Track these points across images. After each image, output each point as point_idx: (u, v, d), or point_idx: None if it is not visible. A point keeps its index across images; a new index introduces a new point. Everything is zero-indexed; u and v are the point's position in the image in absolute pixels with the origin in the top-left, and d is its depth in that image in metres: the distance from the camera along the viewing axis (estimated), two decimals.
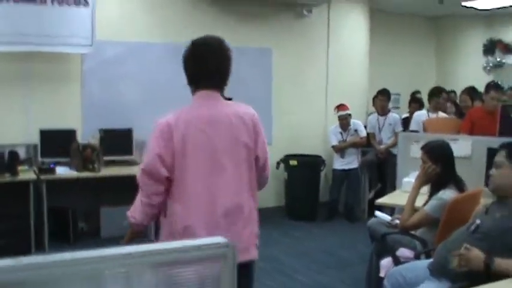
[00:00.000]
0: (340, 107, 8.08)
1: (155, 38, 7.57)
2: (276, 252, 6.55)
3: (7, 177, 6.21)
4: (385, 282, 3.80)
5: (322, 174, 8.54)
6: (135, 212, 2.86)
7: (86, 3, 6.80)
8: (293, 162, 8.16)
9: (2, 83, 6.88)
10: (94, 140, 6.93)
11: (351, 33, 9.19)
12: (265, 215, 7.81)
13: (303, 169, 8.24)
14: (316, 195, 8.34)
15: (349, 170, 8.16)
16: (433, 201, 4.16)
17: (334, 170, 8.29)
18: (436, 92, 7.78)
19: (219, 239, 1.36)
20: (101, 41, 7.04)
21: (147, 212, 2.81)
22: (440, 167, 4.24)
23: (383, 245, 4.45)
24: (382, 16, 10.15)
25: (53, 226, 6.73)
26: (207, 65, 2.84)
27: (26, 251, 6.26)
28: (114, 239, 6.95)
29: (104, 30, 7.11)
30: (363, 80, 9.28)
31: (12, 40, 6.53)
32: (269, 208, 8.40)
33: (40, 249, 6.41)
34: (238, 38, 8.15)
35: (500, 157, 3.38)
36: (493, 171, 3.42)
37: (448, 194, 4.10)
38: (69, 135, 6.96)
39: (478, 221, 3.34)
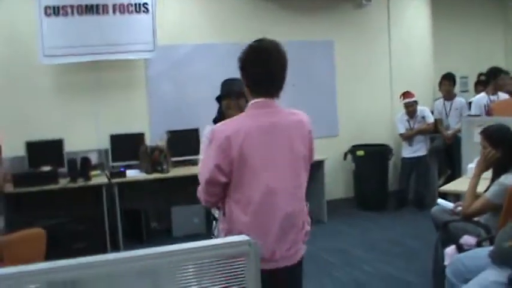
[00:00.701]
0: (406, 94, 7.98)
1: (217, 39, 7.70)
2: (344, 244, 6.56)
3: (80, 182, 6.49)
4: (447, 270, 3.77)
5: (391, 163, 8.44)
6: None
7: (147, 10, 7.02)
8: (360, 153, 8.13)
9: (72, 93, 7.22)
10: (162, 142, 7.13)
11: (412, 19, 9.06)
12: (334, 207, 7.95)
13: (370, 159, 8.18)
14: (385, 185, 8.28)
15: (418, 157, 8.05)
16: (495, 187, 4.08)
17: (403, 159, 8.20)
18: (493, 73, 7.55)
19: (242, 237, 1.43)
20: (163, 45, 7.25)
21: (206, 202, 2.92)
22: (501, 151, 4.15)
23: (446, 233, 4.39)
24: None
25: (127, 227, 7.01)
26: (265, 72, 2.79)
27: (102, 251, 6.52)
28: (185, 236, 7.21)
29: (165, 35, 7.34)
30: (428, 66, 9.12)
31: (78, 52, 6.85)
32: (338, 200, 8.44)
33: (115, 248, 6.66)
34: (300, 32, 8.24)
35: None
36: None
37: (510, 179, 4.01)
38: (137, 138, 7.23)
39: None
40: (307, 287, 5.13)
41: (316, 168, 7.56)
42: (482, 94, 7.58)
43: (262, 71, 2.77)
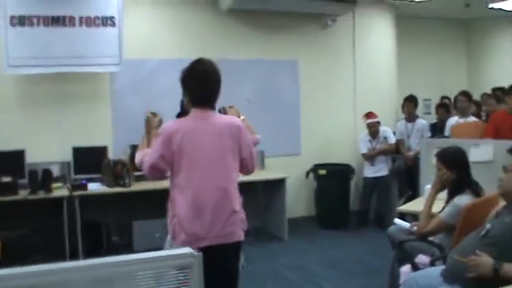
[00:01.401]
0: (369, 114, 8.12)
1: (183, 54, 7.67)
2: (304, 262, 6.60)
3: (41, 194, 6.43)
4: None
5: (353, 182, 8.55)
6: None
7: (113, 24, 7.04)
8: (322, 172, 8.21)
9: (36, 104, 7.18)
10: (124, 156, 7.11)
11: (377, 41, 9.24)
12: (296, 225, 8.00)
13: (332, 178, 8.26)
14: (346, 204, 8.36)
15: (380, 177, 8.17)
16: (449, 208, 4.18)
17: (365, 178, 8.31)
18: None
19: (186, 250, 1.48)
20: (129, 59, 7.26)
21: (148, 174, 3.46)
22: (456, 173, 4.26)
23: (402, 252, 4.46)
24: (409, 21, 10.17)
25: (87, 240, 6.92)
26: (202, 89, 3.41)
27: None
28: (146, 250, 7.11)
29: (131, 49, 7.36)
30: (391, 87, 9.30)
31: (43, 63, 6.82)
32: (300, 218, 8.51)
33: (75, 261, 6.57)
34: (266, 50, 8.35)
35: (510, 161, 3.40)
36: (502, 175, 3.44)
37: (463, 200, 4.11)
38: (100, 152, 7.18)
39: (488, 226, 3.36)
40: None
41: (277, 186, 7.63)
42: (455, 117, 7.75)
43: (201, 88, 3.41)
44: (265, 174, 7.92)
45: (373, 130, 8.08)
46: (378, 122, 8.10)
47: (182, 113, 4.39)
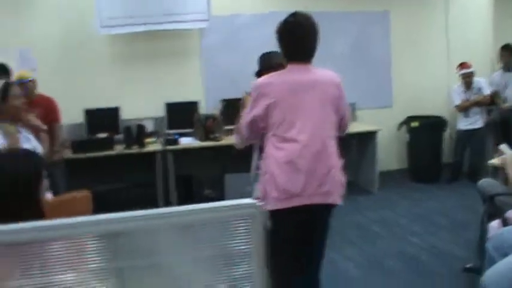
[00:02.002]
0: (463, 65, 7.83)
1: (272, 8, 7.69)
2: (392, 215, 6.57)
3: (135, 149, 6.71)
4: (488, 244, 3.74)
5: (446, 135, 8.34)
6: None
7: None
8: (414, 124, 8.06)
9: (129, 62, 7.44)
10: (215, 110, 7.26)
11: None
12: (387, 178, 7.94)
13: (425, 130, 8.09)
14: (439, 157, 8.19)
15: (474, 130, 7.91)
16: None
17: (459, 130, 8.07)
18: None
19: (248, 201, 1.53)
20: (218, 15, 7.37)
21: (243, 140, 3.49)
22: None
23: (493, 207, 4.35)
24: None
25: (180, 193, 7.19)
26: (299, 43, 3.26)
27: None
28: None
29: (221, 5, 7.47)
30: (487, 36, 8.86)
31: (134, 22, 7.03)
32: (391, 171, 8.42)
33: None
34: (358, 2, 8.15)
35: None
36: None
37: None
38: (192, 107, 7.37)
39: None
40: (351, 254, 5.26)
41: (368, 139, 7.57)
42: None
43: (297, 43, 3.26)
44: (357, 127, 7.86)
45: (467, 81, 7.80)
46: (472, 72, 7.80)
47: (260, 72, 4.25)
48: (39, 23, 7.14)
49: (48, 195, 3.93)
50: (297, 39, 3.25)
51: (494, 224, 4.21)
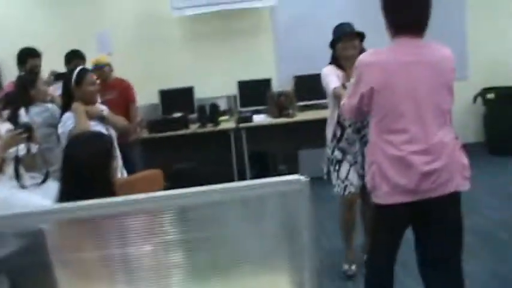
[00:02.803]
0: None
1: None
2: (470, 190, 6.38)
3: (209, 127, 6.80)
4: None
5: None
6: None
7: None
8: (490, 96, 7.77)
9: (201, 42, 7.53)
10: (288, 87, 7.25)
11: None
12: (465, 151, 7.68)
13: (502, 102, 7.78)
14: None
15: None
16: None
17: None
18: None
19: (295, 177, 1.53)
20: None
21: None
22: None
23: None
24: None
25: (255, 170, 7.25)
26: (410, 12, 2.86)
27: None
28: (312, 179, 7.25)
29: None
30: None
31: (205, 2, 7.11)
32: (468, 144, 8.13)
33: None
34: None
35: None
36: None
37: None
38: (265, 84, 7.38)
39: None
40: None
41: None
42: None
43: (405, 13, 2.85)
44: None
45: None
46: None
47: (334, 42, 4.26)
48: (114, 7, 7.37)
49: (122, 174, 4.06)
50: (408, 6, 2.85)
51: None
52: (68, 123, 3.99)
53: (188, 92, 7.28)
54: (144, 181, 3.15)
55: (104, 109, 4.30)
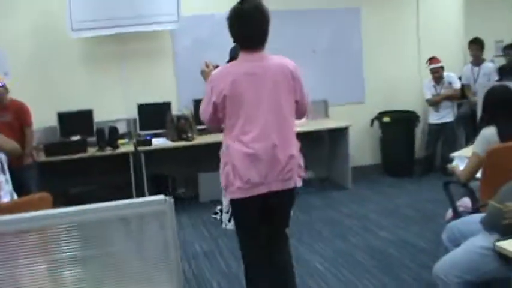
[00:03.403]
0: (432, 60, 7.94)
1: None
2: (364, 210, 6.67)
3: (108, 151, 6.76)
4: (443, 235, 3.83)
5: (418, 129, 8.44)
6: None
7: None
8: (386, 119, 8.15)
9: (101, 64, 7.48)
10: (187, 110, 7.32)
11: None
12: (360, 173, 8.05)
13: (397, 125, 8.20)
14: (412, 151, 8.30)
15: (445, 123, 8.02)
16: (477, 139, 4.03)
17: (430, 125, 8.18)
18: None
19: (159, 197, 1.61)
20: (186, 16, 7.37)
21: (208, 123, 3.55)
22: (490, 109, 4.10)
23: (448, 195, 4.38)
24: None
25: (154, 192, 7.22)
26: (248, 29, 3.31)
27: None
28: (212, 202, 7.39)
29: (190, 6, 7.49)
30: (458, 30, 8.90)
31: (104, 25, 7.05)
32: (364, 166, 8.51)
33: None
34: None
35: None
36: None
37: (489, 131, 3.92)
38: (165, 107, 7.41)
39: None
40: (319, 249, 5.35)
41: (341, 134, 7.66)
42: None
43: (245, 30, 3.31)
44: (329, 123, 7.99)
45: (437, 75, 7.90)
46: (442, 67, 7.91)
47: (231, 61, 4.47)
48: (11, 26, 7.14)
49: (13, 198, 4.00)
50: (246, 25, 3.29)
51: (449, 213, 4.31)
52: None
53: (87, 114, 7.18)
54: (30, 204, 3.13)
55: None
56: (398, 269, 4.84)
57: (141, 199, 1.64)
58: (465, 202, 4.20)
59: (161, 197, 1.61)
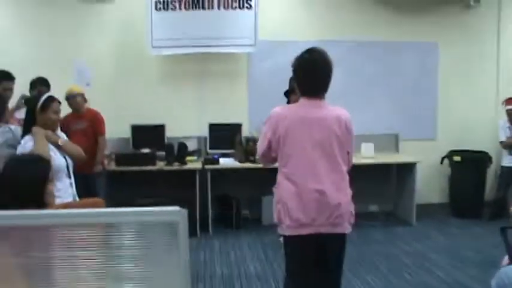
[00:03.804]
0: (508, 100, 7.73)
1: (316, 36, 7.76)
2: (425, 248, 6.54)
3: (175, 166, 6.93)
4: (492, 281, 3.75)
5: (490, 171, 8.22)
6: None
7: (250, 7, 7.33)
8: (457, 158, 7.99)
9: (178, 82, 7.76)
10: (257, 133, 7.42)
11: None
12: (427, 211, 7.91)
13: (468, 165, 8.00)
14: (482, 193, 8.07)
15: None
16: None
17: (502, 167, 7.94)
18: None
19: (173, 208, 1.68)
20: (264, 40, 7.54)
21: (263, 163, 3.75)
22: None
23: (505, 241, 4.28)
24: None
25: (218, 212, 7.41)
26: (312, 79, 3.44)
27: (192, 234, 6.95)
28: (274, 225, 7.40)
29: (266, 31, 7.63)
30: None
31: (184, 43, 7.31)
32: (432, 204, 8.37)
33: (205, 232, 7.07)
34: (402, 32, 8.21)
35: None
36: None
37: None
38: (235, 128, 7.57)
39: None
40: (372, 282, 5.30)
41: (409, 170, 7.56)
42: None
43: (309, 79, 3.44)
44: (398, 158, 7.91)
45: None
46: None
47: (289, 92, 4.53)
48: (96, 42, 7.57)
49: (71, 200, 4.19)
50: (310, 75, 3.41)
51: (504, 260, 4.19)
52: (27, 145, 4.12)
53: (159, 129, 7.44)
54: (83, 208, 3.27)
55: (63, 137, 4.45)
56: None
57: (157, 208, 1.72)
58: None
59: (176, 208, 1.67)
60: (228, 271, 5.81)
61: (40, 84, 6.09)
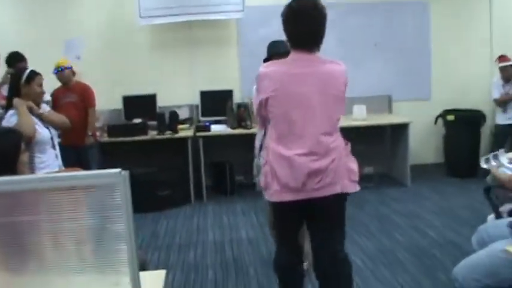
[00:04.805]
0: (501, 58, 7.66)
1: None
2: (419, 209, 6.56)
3: (167, 135, 6.98)
4: (473, 238, 3.77)
5: (485, 129, 8.20)
6: None
7: None
8: (450, 117, 7.96)
9: (167, 51, 7.76)
10: (247, 99, 7.42)
11: None
12: (422, 171, 7.91)
13: (462, 124, 7.99)
14: (476, 152, 8.05)
15: None
16: None
17: (497, 125, 7.91)
18: None
19: (114, 171, 1.69)
20: (253, 6, 7.52)
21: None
22: None
23: (489, 200, 4.28)
24: None
25: (212, 179, 7.47)
26: (303, 27, 3.10)
27: (186, 202, 7.05)
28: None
29: None
30: None
31: (172, 12, 7.32)
32: (427, 164, 8.38)
33: (199, 200, 7.14)
34: None
35: None
36: None
37: None
38: (226, 95, 7.55)
39: None
40: (363, 244, 5.33)
41: (402, 130, 7.55)
42: None
43: (299, 29, 3.12)
44: (392, 118, 7.91)
45: (506, 74, 7.62)
46: (511, 66, 7.63)
47: (267, 59, 4.38)
48: (84, 14, 7.58)
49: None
50: (301, 22, 3.09)
51: (490, 218, 4.21)
52: (11, 119, 4.18)
53: (151, 98, 7.47)
54: None
55: (47, 109, 4.50)
56: (437, 270, 4.76)
57: (96, 171, 1.74)
58: (505, 208, 4.09)
59: (116, 170, 1.68)
60: (220, 237, 5.87)
61: (16, 60, 6.24)
